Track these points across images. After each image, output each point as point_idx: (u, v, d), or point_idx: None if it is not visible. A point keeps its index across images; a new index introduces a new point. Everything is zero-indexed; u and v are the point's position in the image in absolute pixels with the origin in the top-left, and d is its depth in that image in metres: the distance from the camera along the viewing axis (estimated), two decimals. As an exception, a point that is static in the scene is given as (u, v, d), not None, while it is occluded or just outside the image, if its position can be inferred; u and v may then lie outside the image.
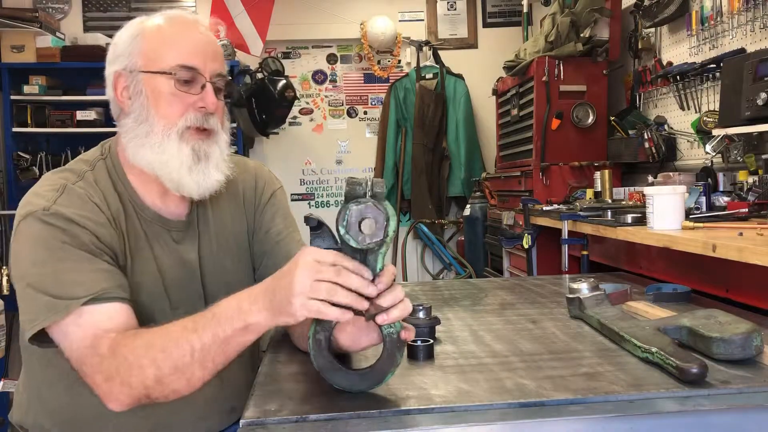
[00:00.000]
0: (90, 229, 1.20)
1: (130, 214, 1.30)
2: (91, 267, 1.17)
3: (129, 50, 1.28)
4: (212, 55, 1.30)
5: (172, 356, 1.06)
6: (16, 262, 1.21)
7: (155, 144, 1.26)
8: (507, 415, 0.91)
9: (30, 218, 1.19)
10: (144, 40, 1.28)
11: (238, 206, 1.45)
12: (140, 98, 1.27)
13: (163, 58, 1.26)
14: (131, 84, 1.28)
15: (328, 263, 0.95)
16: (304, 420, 0.92)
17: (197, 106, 1.27)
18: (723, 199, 2.33)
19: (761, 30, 2.48)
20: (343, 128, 5.53)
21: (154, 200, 1.33)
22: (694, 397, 0.95)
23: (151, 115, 1.26)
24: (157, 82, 1.26)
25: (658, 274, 2.05)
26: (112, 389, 1.09)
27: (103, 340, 1.11)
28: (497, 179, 4.33)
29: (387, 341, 1.00)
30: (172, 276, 1.32)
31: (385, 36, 5.23)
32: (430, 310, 1.30)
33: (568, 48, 3.55)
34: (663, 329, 1.17)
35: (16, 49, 4.53)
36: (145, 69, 1.27)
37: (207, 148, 1.30)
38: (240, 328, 1.03)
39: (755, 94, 2.16)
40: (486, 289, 1.95)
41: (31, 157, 4.58)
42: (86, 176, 1.28)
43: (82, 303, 1.13)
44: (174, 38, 1.28)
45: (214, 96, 1.28)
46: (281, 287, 0.98)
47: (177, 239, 1.35)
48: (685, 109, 3.02)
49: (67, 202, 1.21)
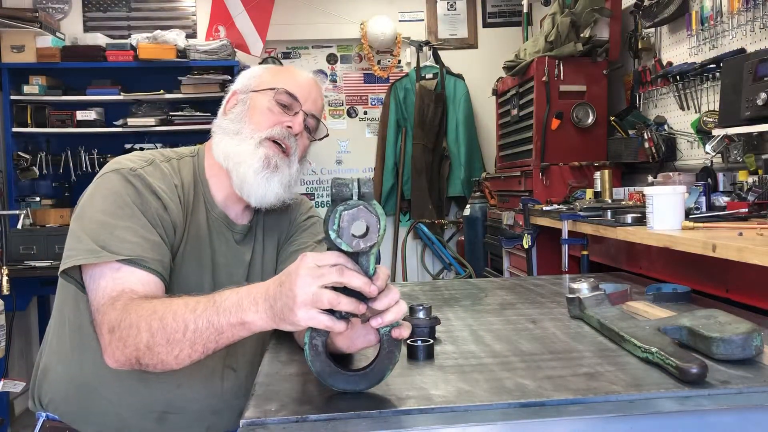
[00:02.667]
0: (163, 200, 1.32)
1: (200, 207, 1.43)
2: (145, 233, 1.27)
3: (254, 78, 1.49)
4: (314, 97, 1.49)
5: (167, 329, 1.09)
6: (83, 204, 1.32)
7: (237, 139, 1.42)
8: (507, 415, 0.91)
9: (114, 173, 1.32)
10: (267, 74, 1.50)
11: (287, 220, 1.60)
12: (243, 107, 1.45)
13: (273, 82, 1.46)
14: (241, 99, 1.47)
15: (330, 264, 0.95)
16: (304, 420, 0.92)
17: (285, 124, 1.43)
18: (723, 199, 2.33)
19: (761, 30, 2.48)
20: (343, 128, 5.54)
21: (225, 201, 1.47)
22: (694, 397, 0.95)
23: (246, 119, 1.43)
24: (261, 97, 1.44)
25: (658, 274, 2.05)
26: (111, 341, 1.15)
27: (123, 296, 1.18)
28: (497, 179, 4.33)
29: (384, 340, 1.00)
30: (223, 270, 1.44)
31: (385, 36, 5.23)
32: (430, 310, 1.30)
33: (568, 48, 3.55)
34: (663, 329, 1.17)
35: (16, 49, 4.53)
36: (255, 89, 1.46)
37: (279, 162, 1.43)
38: (235, 323, 1.05)
39: (755, 94, 2.16)
40: (486, 289, 1.95)
41: (31, 157, 4.59)
42: (172, 162, 1.44)
43: (119, 260, 1.21)
44: (289, 72, 1.53)
45: (302, 123, 1.44)
46: (282, 294, 0.98)
47: (237, 240, 1.49)
48: (685, 109, 3.02)
49: (152, 171, 1.35)
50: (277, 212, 1.55)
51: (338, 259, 0.95)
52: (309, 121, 1.47)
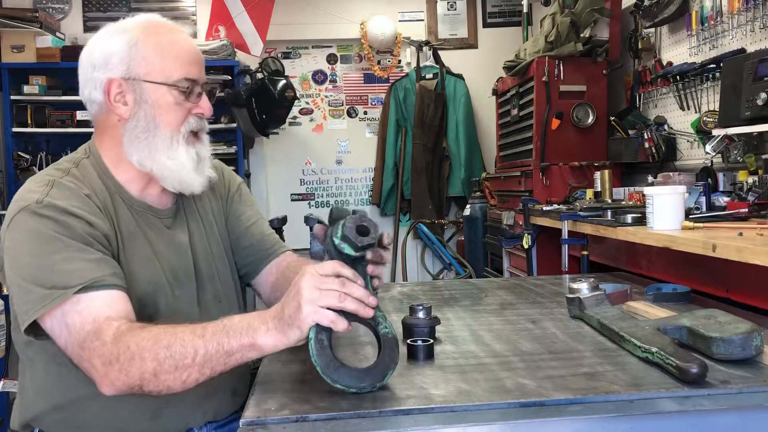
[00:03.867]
0: (83, 218, 1.24)
1: (120, 206, 1.36)
2: (85, 256, 1.21)
3: (128, 59, 1.34)
4: (201, 62, 1.42)
5: (175, 356, 1.08)
6: (9, 257, 1.23)
7: (166, 150, 1.35)
8: (507, 415, 0.91)
9: (23, 212, 1.23)
10: (143, 49, 1.34)
11: (213, 196, 1.56)
12: (145, 107, 1.34)
13: (167, 70, 1.34)
14: (131, 91, 1.34)
15: (331, 274, 1.02)
16: (304, 420, 0.92)
17: (195, 112, 1.38)
18: (723, 199, 2.33)
19: (761, 30, 2.48)
20: (343, 128, 5.54)
21: (141, 192, 1.40)
22: (694, 397, 0.95)
23: (158, 124, 1.35)
24: (163, 93, 1.34)
25: (658, 274, 2.05)
26: (108, 373, 1.11)
27: (107, 327, 1.13)
28: (497, 179, 4.33)
29: (384, 341, 1.02)
30: (167, 259, 1.39)
31: (385, 36, 5.23)
32: (430, 310, 1.30)
33: (568, 48, 3.55)
34: (663, 329, 1.17)
35: (16, 49, 4.52)
36: (148, 79, 1.34)
37: (202, 149, 1.41)
38: (246, 344, 1.06)
39: (755, 94, 2.16)
40: (486, 289, 1.95)
41: (31, 157, 4.59)
42: (72, 172, 1.34)
43: (76, 291, 1.16)
44: (172, 49, 1.37)
45: (208, 102, 1.40)
46: (289, 301, 1.04)
47: (168, 225, 1.43)
48: (685, 109, 3.02)
49: (58, 194, 1.26)
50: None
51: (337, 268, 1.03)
52: (207, 87, 1.42)
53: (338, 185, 5.54)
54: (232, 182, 1.63)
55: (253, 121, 4.69)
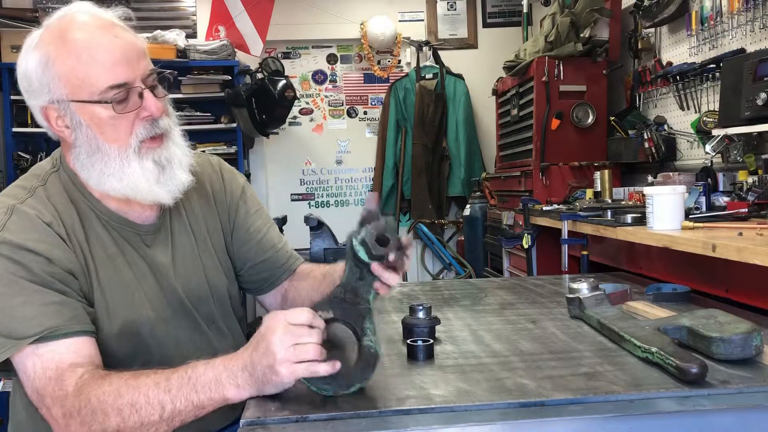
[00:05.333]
0: (41, 254, 1.15)
1: (92, 224, 1.25)
2: (42, 299, 1.12)
3: (46, 81, 1.19)
4: (135, 56, 1.20)
5: (140, 413, 1.03)
6: None
7: (116, 171, 1.21)
8: (507, 415, 0.91)
9: None
10: (57, 66, 1.17)
11: (209, 205, 1.42)
12: (82, 129, 1.20)
13: (88, 82, 1.16)
14: (64, 115, 1.21)
15: (304, 323, 0.99)
16: (304, 420, 0.92)
17: (142, 116, 1.21)
18: (723, 199, 2.33)
19: (761, 30, 2.48)
20: (343, 128, 5.54)
21: (119, 206, 1.28)
22: (694, 397, 0.95)
23: (101, 144, 1.20)
24: (93, 110, 1.18)
25: (658, 274, 2.05)
26: (69, 425, 1.06)
27: (70, 375, 1.08)
28: (497, 179, 4.33)
29: (365, 353, 1.01)
30: (149, 282, 1.28)
31: (385, 36, 5.23)
32: (430, 310, 1.30)
33: (568, 48, 3.55)
34: (663, 329, 1.17)
35: (16, 49, 4.50)
36: (73, 98, 1.18)
37: (166, 153, 1.25)
38: (217, 399, 1.03)
39: (755, 94, 2.16)
40: (486, 289, 1.95)
41: (31, 157, 4.59)
42: (37, 192, 1.23)
43: (32, 342, 1.09)
44: (90, 55, 1.16)
45: (155, 101, 1.21)
46: (259, 358, 1.00)
47: (148, 243, 1.30)
48: (685, 109, 3.02)
49: (16, 227, 1.16)
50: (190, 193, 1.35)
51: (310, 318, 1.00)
52: (153, 81, 1.22)
53: (338, 185, 5.54)
54: (234, 186, 1.47)
55: (253, 121, 4.69)
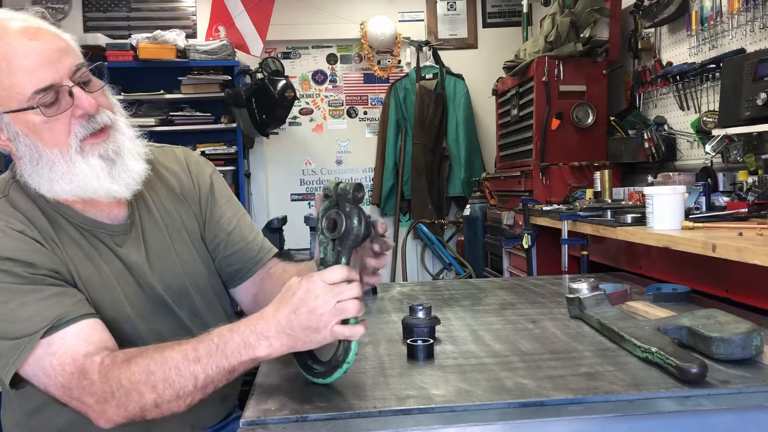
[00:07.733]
0: (22, 260, 1.14)
1: (63, 227, 1.23)
2: (39, 296, 1.12)
3: None
4: (57, 55, 1.16)
5: (174, 385, 1.05)
6: None
7: (64, 174, 1.18)
8: (507, 415, 0.91)
9: None
10: None
11: (178, 198, 1.41)
12: (20, 139, 1.18)
13: (14, 91, 1.14)
14: (2, 129, 1.19)
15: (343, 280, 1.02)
16: (304, 420, 0.92)
17: (77, 115, 1.17)
18: (723, 199, 2.33)
19: (761, 30, 2.48)
20: (343, 128, 5.54)
21: (84, 207, 1.26)
22: (694, 397, 0.95)
23: (42, 150, 1.18)
24: (26, 118, 1.16)
25: (658, 274, 2.05)
26: (106, 410, 1.07)
27: (90, 365, 1.08)
28: (497, 179, 4.33)
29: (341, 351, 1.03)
30: (127, 280, 1.28)
31: (385, 36, 5.23)
32: (430, 310, 1.30)
33: (568, 48, 3.55)
34: (663, 329, 1.17)
35: None
36: (5, 110, 1.16)
37: (113, 146, 1.22)
38: (248, 360, 1.05)
39: (755, 94, 2.16)
40: (486, 289, 1.95)
41: None
42: (1, 204, 1.21)
43: (42, 335, 1.09)
44: (8, 63, 1.13)
45: (87, 97, 1.17)
46: (300, 321, 1.01)
47: (119, 243, 1.29)
48: (684, 109, 3.02)
49: None
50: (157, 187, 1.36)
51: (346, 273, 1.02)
52: (82, 77, 1.18)
53: (338, 185, 5.53)
54: (201, 179, 1.45)
55: (253, 121, 4.69)
